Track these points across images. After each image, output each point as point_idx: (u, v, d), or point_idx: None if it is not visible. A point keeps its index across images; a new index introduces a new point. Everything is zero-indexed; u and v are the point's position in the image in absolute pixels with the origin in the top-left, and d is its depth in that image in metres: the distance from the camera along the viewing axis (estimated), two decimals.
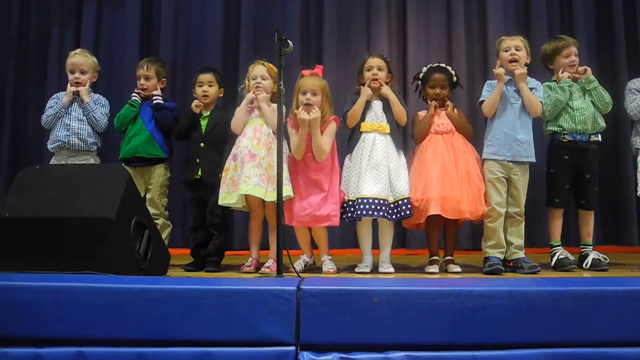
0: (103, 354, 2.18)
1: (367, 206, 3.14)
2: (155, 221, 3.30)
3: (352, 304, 2.20)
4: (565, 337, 2.26)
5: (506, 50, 3.37)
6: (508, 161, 3.25)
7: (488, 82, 3.46)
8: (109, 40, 4.88)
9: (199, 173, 3.45)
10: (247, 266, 3.28)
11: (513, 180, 3.26)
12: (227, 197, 3.28)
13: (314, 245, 3.48)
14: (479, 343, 2.21)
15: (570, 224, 3.85)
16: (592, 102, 3.43)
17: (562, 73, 3.46)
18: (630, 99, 3.51)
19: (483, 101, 3.37)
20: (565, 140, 3.40)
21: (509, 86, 3.32)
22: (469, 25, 4.90)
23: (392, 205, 3.20)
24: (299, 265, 3.34)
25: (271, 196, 3.14)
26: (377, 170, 3.22)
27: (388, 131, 3.35)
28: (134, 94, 3.69)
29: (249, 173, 3.19)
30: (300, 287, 2.22)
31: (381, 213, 3.16)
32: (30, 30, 4.97)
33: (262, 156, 3.24)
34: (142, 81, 3.68)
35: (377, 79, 3.36)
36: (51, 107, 3.71)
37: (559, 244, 3.43)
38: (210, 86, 3.57)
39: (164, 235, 3.30)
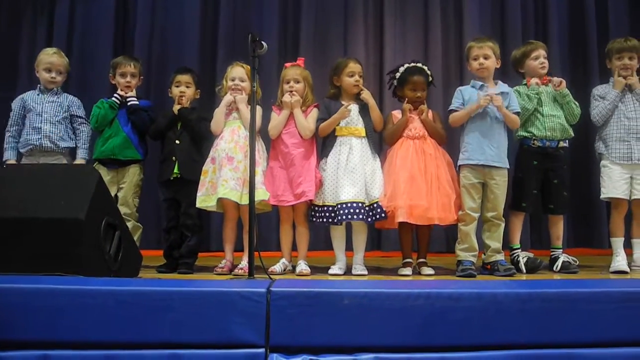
0: (70, 357, 2.15)
1: (346, 210, 3.17)
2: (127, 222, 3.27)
3: (321, 306, 2.20)
4: (534, 338, 2.28)
5: (475, 59, 3.38)
6: (482, 165, 3.26)
7: (459, 89, 3.46)
8: (81, 39, 4.80)
9: (176, 170, 3.41)
10: (220, 267, 3.29)
11: (490, 184, 3.28)
12: (206, 200, 3.32)
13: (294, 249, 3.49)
14: (447, 345, 2.22)
15: (542, 227, 3.90)
16: (562, 108, 3.49)
17: (532, 79, 3.50)
18: (594, 105, 3.57)
19: (452, 110, 3.38)
20: (534, 145, 3.44)
21: (481, 91, 3.34)
22: (445, 28, 4.95)
23: (367, 208, 3.22)
24: (279, 267, 3.34)
25: (246, 199, 3.14)
26: (354, 173, 3.24)
27: (364, 134, 3.37)
28: (115, 96, 3.61)
29: (227, 176, 3.24)
30: (270, 289, 2.22)
31: (360, 216, 3.18)
32: (0, 28, 4.89)
33: (239, 159, 3.27)
34: (129, 78, 3.62)
35: (359, 85, 3.40)
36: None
37: (519, 246, 3.48)
38: (187, 87, 3.55)
39: (135, 237, 3.26)
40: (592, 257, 4.29)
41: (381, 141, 3.67)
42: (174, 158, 3.42)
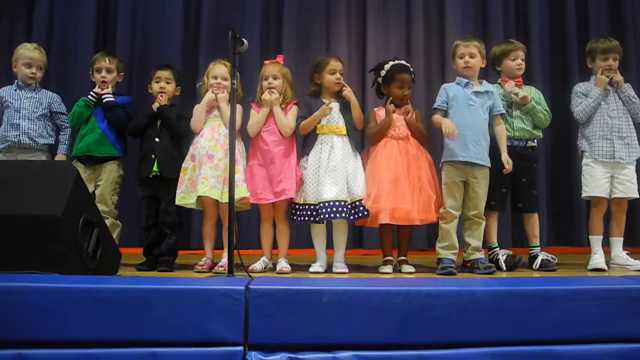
0: (46, 356, 2.13)
1: (329, 209, 3.17)
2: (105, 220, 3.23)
3: (300, 304, 2.20)
4: (512, 336, 2.30)
5: (461, 57, 3.39)
6: (465, 163, 3.26)
7: (444, 87, 3.44)
8: (62, 35, 4.75)
9: (156, 168, 3.38)
10: (200, 265, 3.27)
11: (471, 183, 3.29)
12: (186, 197, 3.31)
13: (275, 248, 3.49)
14: (426, 342, 2.23)
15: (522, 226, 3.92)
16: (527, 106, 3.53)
17: (507, 84, 3.51)
18: (576, 102, 3.59)
19: (436, 109, 3.37)
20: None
21: (467, 88, 3.34)
22: (427, 25, 4.97)
23: (349, 206, 3.22)
24: (259, 265, 3.33)
25: (227, 198, 3.14)
26: (336, 172, 3.24)
27: (345, 132, 3.36)
28: (91, 93, 3.56)
29: (207, 174, 3.23)
30: (249, 286, 2.21)
31: (343, 215, 3.19)
32: None
33: (219, 157, 3.26)
34: (104, 73, 3.57)
35: (340, 83, 3.39)
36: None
37: (497, 245, 3.50)
38: (167, 83, 3.51)
39: (114, 235, 3.22)
40: (571, 255, 4.34)
41: (362, 139, 3.67)
42: (153, 156, 3.38)
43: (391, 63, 3.50)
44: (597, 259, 3.41)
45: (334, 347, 2.20)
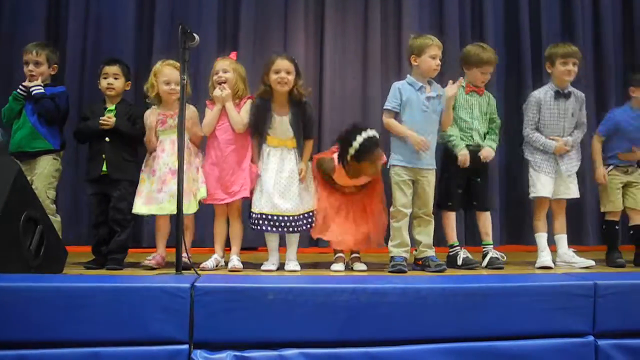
0: None
1: (273, 223, 3.19)
2: None
3: (246, 302, 2.19)
4: (457, 332, 2.34)
5: (433, 58, 3.34)
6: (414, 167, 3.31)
7: (397, 87, 3.36)
8: (10, 25, 4.58)
9: (105, 168, 3.30)
10: (148, 260, 3.22)
11: (420, 182, 3.32)
12: (143, 209, 3.27)
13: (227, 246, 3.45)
14: (372, 339, 2.26)
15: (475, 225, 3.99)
16: (485, 114, 3.59)
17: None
18: (531, 119, 3.60)
19: (388, 110, 3.35)
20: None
21: (420, 93, 3.34)
22: (384, 26, 4.99)
23: (297, 218, 3.23)
24: (210, 263, 3.29)
25: (193, 208, 3.24)
26: (288, 189, 3.24)
27: (295, 145, 3.34)
28: (20, 87, 3.42)
29: (173, 191, 3.07)
30: (195, 284, 2.19)
31: (287, 229, 3.22)
32: None
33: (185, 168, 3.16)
34: (31, 67, 3.41)
35: (285, 82, 3.28)
36: None
37: (457, 243, 3.56)
38: (115, 78, 3.41)
39: None
40: (522, 253, 4.43)
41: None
42: (103, 156, 3.30)
43: (364, 136, 3.15)
44: (544, 257, 3.49)
45: (280, 344, 2.20)
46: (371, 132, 3.18)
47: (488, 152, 3.53)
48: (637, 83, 3.77)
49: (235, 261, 3.25)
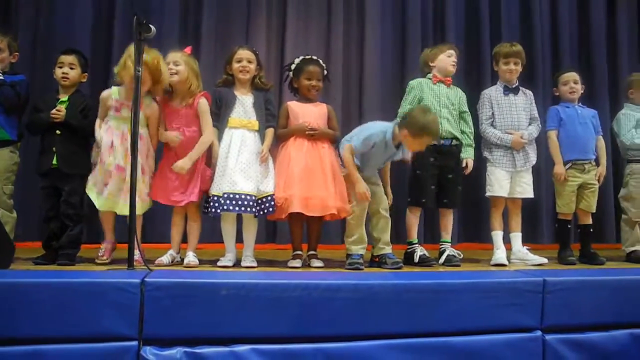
0: None
1: (234, 202, 3.12)
2: None
3: (198, 297, 2.17)
4: (409, 328, 2.37)
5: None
6: None
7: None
8: None
9: (55, 162, 3.22)
10: (101, 255, 3.14)
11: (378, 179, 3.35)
12: (92, 194, 3.15)
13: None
14: (325, 335, 2.27)
15: (434, 222, 4.04)
16: (453, 104, 3.63)
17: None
18: (485, 115, 3.72)
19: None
20: (430, 143, 3.55)
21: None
22: (347, 25, 5.01)
23: (258, 202, 3.19)
24: (166, 259, 3.24)
25: (141, 209, 3.14)
26: (248, 168, 3.19)
27: (257, 128, 3.32)
28: None
29: (114, 190, 3.08)
30: (145, 279, 2.16)
31: (248, 209, 3.15)
32: None
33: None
34: None
35: (247, 70, 3.33)
36: None
37: (417, 241, 3.59)
38: (71, 68, 3.32)
39: (7, 228, 3.01)
40: (479, 251, 4.49)
41: None
42: (54, 149, 3.21)
43: (302, 57, 3.53)
44: (499, 254, 3.55)
45: (232, 340, 2.19)
46: (309, 56, 3.50)
47: (470, 163, 3.62)
48: (555, 83, 4.00)
49: (191, 257, 3.21)
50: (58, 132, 3.22)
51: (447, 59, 3.66)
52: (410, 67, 4.78)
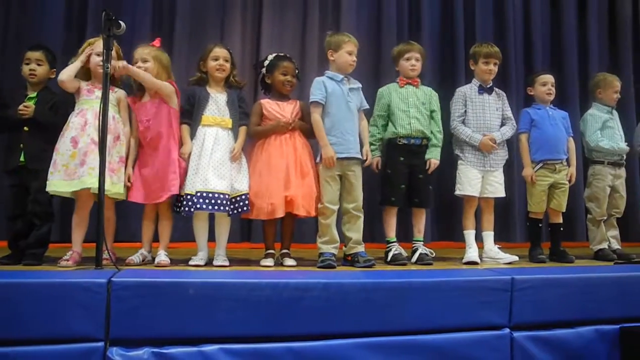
0: None
1: (208, 200, 3.10)
2: None
3: (166, 297, 2.15)
4: (379, 326, 2.37)
5: (350, 54, 3.44)
6: (342, 158, 3.32)
7: (320, 80, 3.42)
8: None
9: (22, 159, 3.15)
10: (65, 260, 3.01)
11: (348, 176, 3.35)
12: (59, 185, 3.03)
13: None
14: (294, 334, 2.26)
15: (408, 221, 4.05)
16: (423, 104, 3.65)
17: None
18: (457, 113, 3.74)
19: (316, 102, 3.35)
20: (400, 143, 3.57)
21: (342, 85, 3.40)
22: (323, 23, 5.00)
23: (231, 200, 3.18)
24: (136, 258, 3.20)
25: (116, 189, 3.08)
26: (221, 166, 3.17)
27: (230, 126, 3.30)
28: None
29: (94, 164, 2.97)
30: (112, 279, 2.13)
31: (221, 208, 3.12)
32: None
33: (109, 145, 3.03)
34: None
35: (223, 69, 3.32)
36: None
37: (395, 240, 3.60)
38: (38, 65, 3.26)
39: None
40: (452, 249, 4.52)
41: None
42: (21, 145, 3.15)
43: (274, 54, 3.54)
44: (471, 253, 3.59)
45: (200, 340, 2.18)
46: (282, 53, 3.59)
47: (433, 163, 3.61)
48: (531, 83, 4.01)
49: (162, 256, 3.18)
50: (26, 128, 3.15)
51: (406, 63, 3.68)
52: (385, 61, 4.78)
